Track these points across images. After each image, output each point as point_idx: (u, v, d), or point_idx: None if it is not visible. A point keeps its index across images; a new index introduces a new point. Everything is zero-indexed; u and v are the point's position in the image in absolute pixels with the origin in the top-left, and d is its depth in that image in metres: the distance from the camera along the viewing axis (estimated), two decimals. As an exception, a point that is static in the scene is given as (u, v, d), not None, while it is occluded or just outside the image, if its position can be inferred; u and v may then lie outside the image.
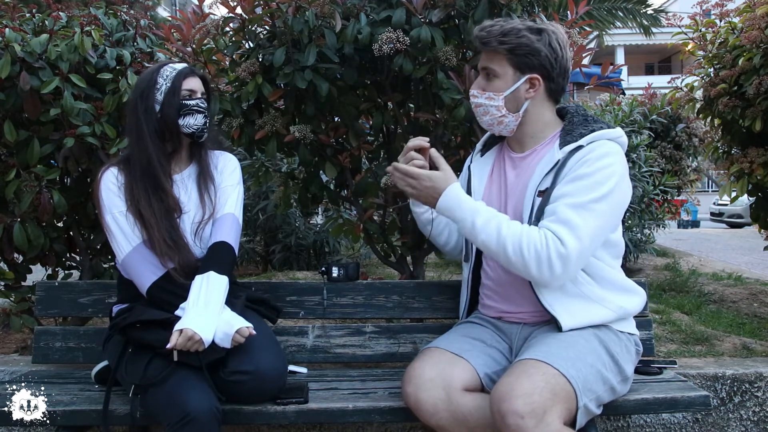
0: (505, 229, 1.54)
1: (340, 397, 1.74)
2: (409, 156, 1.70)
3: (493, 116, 1.68)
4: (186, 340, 1.54)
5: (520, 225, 1.56)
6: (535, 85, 1.65)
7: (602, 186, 1.54)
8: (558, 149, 1.63)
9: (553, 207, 1.56)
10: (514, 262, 1.54)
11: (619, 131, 1.66)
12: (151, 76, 1.77)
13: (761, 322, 3.08)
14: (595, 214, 1.53)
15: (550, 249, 1.50)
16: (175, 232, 1.72)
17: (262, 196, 4.55)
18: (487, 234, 1.55)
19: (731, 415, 2.24)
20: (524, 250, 1.51)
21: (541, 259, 1.51)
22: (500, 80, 1.65)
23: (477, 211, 1.57)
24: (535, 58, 1.62)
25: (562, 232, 1.51)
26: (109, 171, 1.77)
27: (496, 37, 1.61)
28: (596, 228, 1.54)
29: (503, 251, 1.54)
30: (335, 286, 2.11)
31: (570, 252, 1.50)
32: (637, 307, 1.72)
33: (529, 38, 1.61)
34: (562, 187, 1.57)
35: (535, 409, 1.37)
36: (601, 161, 1.56)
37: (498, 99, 1.66)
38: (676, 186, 4.90)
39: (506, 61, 1.63)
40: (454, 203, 1.59)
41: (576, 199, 1.53)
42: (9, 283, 2.52)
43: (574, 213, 1.52)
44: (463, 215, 1.58)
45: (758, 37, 2.48)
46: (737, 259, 6.37)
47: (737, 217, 12.19)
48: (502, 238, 1.53)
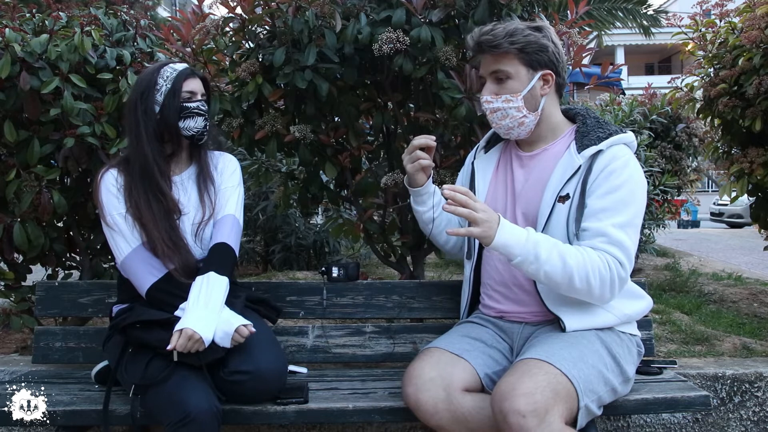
0: (570, 258, 1.50)
1: (340, 397, 1.74)
2: (415, 155, 1.69)
3: (513, 118, 1.65)
4: (186, 339, 1.54)
5: (577, 251, 1.52)
6: (549, 81, 1.64)
7: (636, 198, 1.58)
8: (576, 153, 1.61)
9: (599, 228, 1.54)
10: (578, 289, 1.53)
11: (631, 135, 1.67)
12: (151, 76, 1.75)
13: (761, 322, 3.08)
14: (636, 229, 1.58)
15: (613, 273, 1.52)
16: (175, 234, 1.72)
17: (262, 196, 4.55)
18: (552, 265, 1.50)
19: (731, 415, 2.24)
20: (591, 278, 1.51)
21: (605, 283, 1.53)
22: (514, 81, 1.63)
23: (537, 243, 1.51)
24: (544, 54, 1.62)
25: (619, 255, 1.53)
26: (108, 173, 1.77)
27: (505, 38, 1.59)
28: (637, 241, 1.58)
29: (568, 281, 1.51)
30: (335, 286, 2.11)
31: (628, 272, 1.55)
32: (642, 312, 1.72)
33: (534, 35, 1.61)
34: (598, 201, 1.56)
35: (537, 408, 1.37)
36: (627, 170, 1.58)
37: (517, 100, 1.63)
38: (676, 186, 4.90)
39: (518, 60, 1.62)
40: (512, 239, 1.50)
41: (620, 218, 1.54)
42: (9, 283, 2.52)
43: (623, 233, 1.54)
44: (523, 251, 1.50)
45: (758, 37, 2.48)
46: (737, 259, 6.37)
47: (737, 217, 12.20)
48: (568, 268, 1.50)
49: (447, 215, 1.87)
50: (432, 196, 1.82)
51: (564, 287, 1.54)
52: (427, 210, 1.84)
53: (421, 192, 1.81)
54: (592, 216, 1.56)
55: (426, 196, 1.82)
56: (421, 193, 1.82)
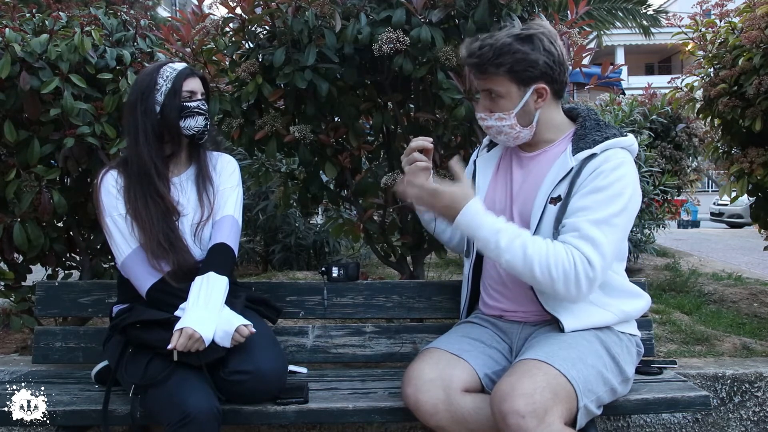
0: (531, 248, 1.50)
1: (340, 397, 1.74)
2: (412, 157, 1.70)
3: (507, 135, 1.66)
4: (186, 339, 1.54)
5: (544, 243, 1.52)
6: (543, 94, 1.62)
7: (620, 198, 1.53)
8: (570, 155, 1.60)
9: (574, 222, 1.53)
10: (540, 281, 1.51)
11: (631, 139, 1.65)
12: (150, 76, 1.75)
13: (761, 322, 3.08)
14: (615, 229, 1.52)
15: (578, 268, 1.48)
16: (173, 234, 1.72)
17: (262, 196, 4.55)
18: (513, 254, 1.50)
19: (731, 415, 2.24)
20: (552, 270, 1.49)
21: (569, 279, 1.49)
22: (505, 100, 1.62)
23: (500, 231, 1.52)
24: (535, 69, 1.58)
25: (588, 251, 1.49)
26: (108, 174, 1.77)
27: (491, 60, 1.56)
28: (616, 242, 1.54)
29: (529, 271, 1.50)
30: (335, 286, 2.11)
31: (596, 270, 1.49)
32: (641, 311, 1.72)
33: (523, 51, 1.56)
34: (579, 200, 1.55)
35: (537, 409, 1.37)
36: (616, 172, 1.55)
37: (509, 118, 1.63)
38: (676, 186, 4.90)
39: (507, 80, 1.59)
40: (475, 223, 1.53)
41: (597, 215, 1.51)
42: (9, 283, 2.52)
43: (597, 229, 1.50)
44: (484, 235, 1.53)
45: (758, 37, 2.48)
46: (737, 259, 6.37)
47: (737, 217, 12.20)
48: (528, 258, 1.49)
49: None
50: None
51: (527, 277, 1.53)
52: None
53: None
54: (571, 214, 1.55)
55: None
56: None
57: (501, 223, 1.55)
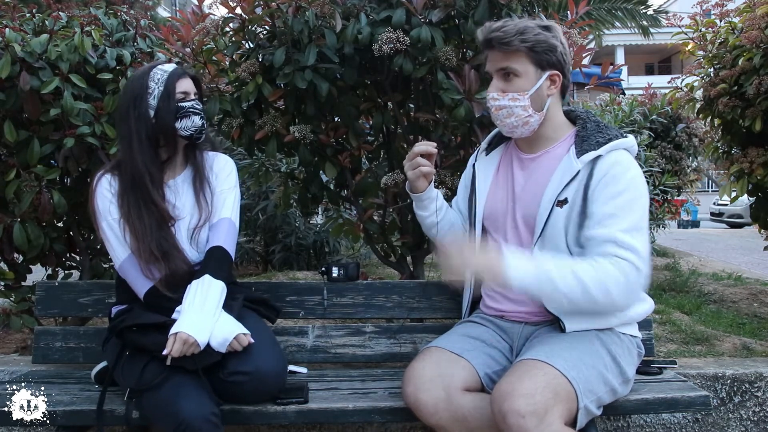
0: (583, 275, 1.49)
1: (340, 397, 1.74)
2: (416, 161, 1.69)
3: (518, 117, 1.64)
4: (181, 344, 1.53)
5: (588, 264, 1.51)
6: (556, 82, 1.63)
7: (639, 201, 1.56)
8: (575, 157, 1.60)
9: (606, 233, 1.52)
10: (601, 303, 1.51)
11: (632, 140, 1.65)
12: (141, 80, 1.71)
13: (761, 322, 3.08)
14: (643, 232, 1.55)
15: (629, 279, 1.49)
16: (167, 242, 1.69)
17: (262, 196, 4.55)
18: (569, 287, 1.49)
19: (731, 415, 2.24)
20: (611, 289, 1.49)
21: (621, 291, 1.50)
22: (522, 79, 1.61)
23: (549, 270, 1.50)
24: (553, 54, 1.60)
25: (633, 258, 1.50)
26: (103, 178, 1.74)
27: (515, 35, 1.57)
28: (646, 243, 1.56)
29: (589, 298, 1.49)
30: (335, 286, 2.11)
31: (644, 276, 1.52)
32: (644, 314, 1.71)
33: (544, 35, 1.59)
34: (601, 207, 1.55)
35: (537, 409, 1.37)
36: (628, 174, 1.56)
37: (523, 99, 1.62)
38: (676, 186, 4.90)
39: (527, 59, 1.60)
40: (524, 275, 1.50)
41: (626, 222, 1.52)
42: (9, 283, 2.52)
43: (631, 237, 1.51)
44: (539, 283, 1.50)
45: (758, 37, 2.48)
46: (737, 259, 6.37)
47: (737, 217, 12.21)
48: (585, 286, 1.48)
49: (450, 218, 1.88)
50: (434, 200, 1.82)
51: (584, 305, 1.51)
52: (429, 215, 1.84)
53: (423, 197, 1.81)
54: (598, 224, 1.54)
55: (428, 201, 1.82)
56: (422, 198, 1.82)
57: (543, 260, 1.54)
